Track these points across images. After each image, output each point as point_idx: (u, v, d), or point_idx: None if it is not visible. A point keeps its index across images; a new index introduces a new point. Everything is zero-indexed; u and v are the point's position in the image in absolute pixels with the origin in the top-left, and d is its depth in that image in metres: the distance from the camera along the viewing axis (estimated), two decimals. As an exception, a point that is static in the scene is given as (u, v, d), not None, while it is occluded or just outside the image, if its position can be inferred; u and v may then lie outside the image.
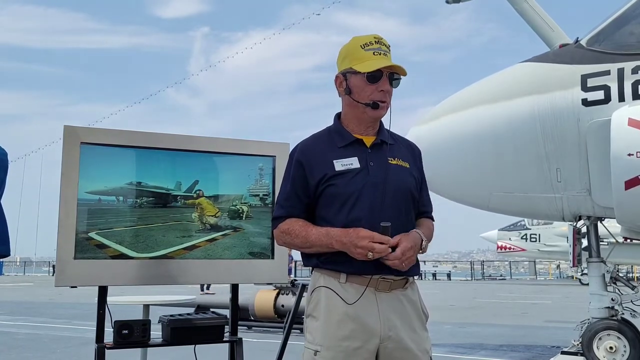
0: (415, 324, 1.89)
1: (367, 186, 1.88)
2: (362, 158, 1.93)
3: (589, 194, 5.23)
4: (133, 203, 3.01)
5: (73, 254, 2.83)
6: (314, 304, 1.91)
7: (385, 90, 1.93)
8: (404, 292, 1.90)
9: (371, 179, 1.89)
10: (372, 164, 1.92)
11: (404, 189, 1.93)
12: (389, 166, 1.94)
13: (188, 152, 3.16)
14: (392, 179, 1.91)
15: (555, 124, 5.23)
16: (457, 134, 5.77)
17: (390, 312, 1.84)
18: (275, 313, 8.83)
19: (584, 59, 5.30)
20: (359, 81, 1.93)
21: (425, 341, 1.91)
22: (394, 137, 2.05)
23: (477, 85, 6.08)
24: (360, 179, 1.89)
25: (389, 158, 1.95)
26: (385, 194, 1.88)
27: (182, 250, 3.06)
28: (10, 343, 7.79)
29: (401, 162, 1.97)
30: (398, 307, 1.86)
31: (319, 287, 1.90)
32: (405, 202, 1.93)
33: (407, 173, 1.97)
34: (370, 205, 1.86)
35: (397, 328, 1.83)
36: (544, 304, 14.90)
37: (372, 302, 1.83)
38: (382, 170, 1.92)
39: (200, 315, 3.22)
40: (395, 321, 1.84)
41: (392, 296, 1.86)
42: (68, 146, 2.89)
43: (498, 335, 8.68)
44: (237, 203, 3.22)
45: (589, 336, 5.34)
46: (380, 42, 1.95)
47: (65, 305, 13.42)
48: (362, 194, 1.87)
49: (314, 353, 1.83)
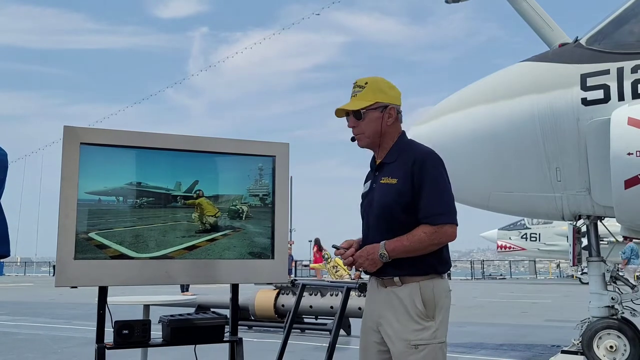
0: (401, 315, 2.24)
1: (366, 208, 2.38)
2: (372, 181, 2.39)
3: (588, 193, 5.23)
4: (133, 203, 3.00)
5: (73, 255, 2.83)
6: None
7: (350, 126, 2.39)
8: (395, 289, 2.28)
9: (369, 201, 2.37)
10: (374, 186, 2.35)
11: (384, 206, 2.27)
12: (379, 186, 2.31)
13: (188, 152, 3.16)
14: (377, 199, 2.31)
15: (555, 123, 5.23)
16: (456, 133, 5.77)
17: (381, 302, 2.32)
18: (275, 313, 8.83)
19: (583, 58, 5.30)
20: None
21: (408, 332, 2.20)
22: (402, 153, 2.34)
23: (476, 84, 6.08)
24: (366, 202, 2.39)
25: (382, 178, 2.32)
26: (370, 215, 2.33)
27: (182, 250, 3.06)
28: (11, 343, 7.79)
29: (389, 180, 2.28)
30: (387, 299, 2.29)
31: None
32: (384, 219, 2.27)
33: (390, 190, 2.27)
34: (367, 222, 2.37)
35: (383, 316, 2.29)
36: (544, 303, 14.90)
37: (375, 293, 2.38)
38: (376, 192, 2.33)
39: (200, 315, 3.22)
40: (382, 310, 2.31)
41: (387, 291, 2.30)
42: (68, 146, 2.89)
43: (498, 334, 8.68)
44: (237, 203, 3.22)
45: (589, 335, 5.35)
46: (355, 86, 2.40)
47: (66, 305, 13.42)
48: (365, 215, 2.39)
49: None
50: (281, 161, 3.30)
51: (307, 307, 8.48)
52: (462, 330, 9.13)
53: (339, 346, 4.34)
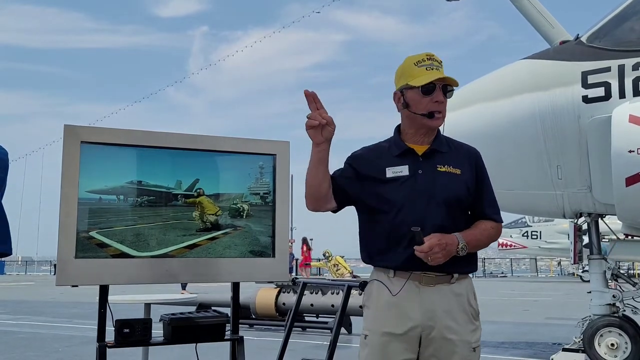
0: (458, 315, 2.05)
1: (413, 193, 2.07)
2: (413, 166, 2.11)
3: (589, 191, 5.22)
4: (133, 202, 3.00)
5: (74, 253, 2.82)
6: (367, 295, 2.17)
7: (440, 100, 2.10)
8: (450, 287, 2.06)
9: (417, 187, 2.08)
10: (420, 172, 2.10)
11: (451, 195, 2.08)
12: (437, 173, 2.10)
13: (188, 150, 3.16)
14: (438, 186, 2.08)
15: (556, 121, 5.22)
16: (457, 131, 5.72)
17: (431, 303, 2.02)
18: (276, 311, 8.84)
19: (584, 56, 5.29)
20: (415, 95, 2.11)
21: (467, 333, 2.04)
22: (450, 144, 2.21)
23: (477, 82, 6.08)
24: (407, 186, 2.08)
25: (438, 166, 2.12)
26: (431, 201, 2.06)
27: (182, 249, 3.06)
28: (13, 342, 7.80)
29: (451, 169, 2.12)
30: (441, 299, 2.04)
31: (372, 280, 2.16)
32: (451, 209, 2.08)
33: (456, 179, 2.11)
34: (415, 211, 2.05)
35: (438, 318, 2.01)
36: (545, 301, 14.90)
37: (415, 294, 2.03)
38: (429, 178, 2.09)
39: (201, 314, 3.22)
40: (437, 312, 2.02)
41: (436, 289, 2.04)
42: (68, 145, 2.89)
43: (499, 332, 8.68)
44: (237, 201, 3.22)
45: (590, 333, 5.35)
46: (432, 59, 2.13)
47: (67, 304, 13.44)
48: (407, 201, 2.07)
49: (364, 337, 2.11)
50: (282, 160, 3.29)
51: (308, 306, 8.49)
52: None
53: (340, 344, 4.34)
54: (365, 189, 2.13)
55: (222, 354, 3.31)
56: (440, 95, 2.10)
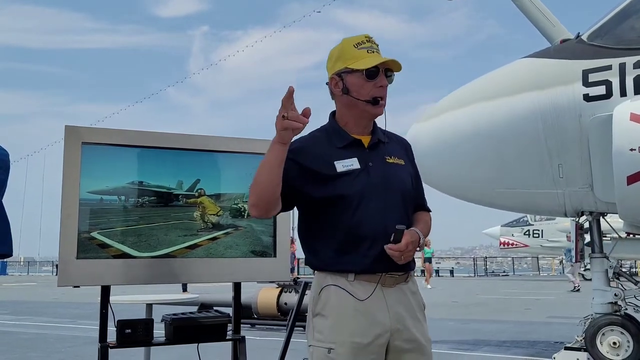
0: (419, 314, 1.95)
1: (367, 187, 1.89)
2: (362, 159, 1.93)
3: (591, 190, 5.22)
4: (135, 202, 3.01)
5: (75, 254, 2.83)
6: (323, 303, 1.90)
7: (384, 85, 1.94)
8: (407, 285, 1.95)
9: (372, 180, 1.91)
10: (371, 164, 1.93)
11: (403, 188, 1.97)
12: (387, 165, 1.97)
13: (189, 151, 3.17)
14: (392, 179, 1.95)
15: (557, 119, 5.22)
16: (458, 130, 5.76)
17: (397, 305, 1.88)
18: (278, 311, 8.84)
19: (585, 54, 5.28)
20: (356, 79, 1.94)
21: (427, 331, 1.96)
22: (387, 135, 2.08)
23: (477, 81, 6.07)
24: (361, 180, 1.90)
25: (385, 157, 1.98)
26: (387, 195, 1.91)
27: (184, 249, 3.07)
28: (15, 342, 7.81)
29: (397, 160, 2.01)
30: (403, 299, 1.91)
31: (327, 285, 1.90)
32: (405, 201, 1.97)
33: (404, 171, 2.01)
34: (372, 206, 1.88)
35: (404, 320, 1.88)
36: (547, 299, 14.89)
37: (380, 297, 1.87)
38: (381, 171, 1.94)
39: (203, 314, 3.22)
40: (402, 313, 1.89)
41: (397, 290, 1.90)
42: (69, 146, 2.89)
43: (501, 331, 8.68)
44: (238, 201, 3.22)
45: (593, 332, 5.34)
46: (371, 41, 1.98)
47: (69, 305, 13.45)
48: (364, 196, 1.88)
49: (327, 351, 1.83)
50: (283, 159, 3.29)
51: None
52: (465, 327, 9.13)
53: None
54: (314, 186, 1.89)
55: (224, 354, 3.31)
56: (384, 80, 1.94)
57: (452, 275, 34.04)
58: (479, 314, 11.37)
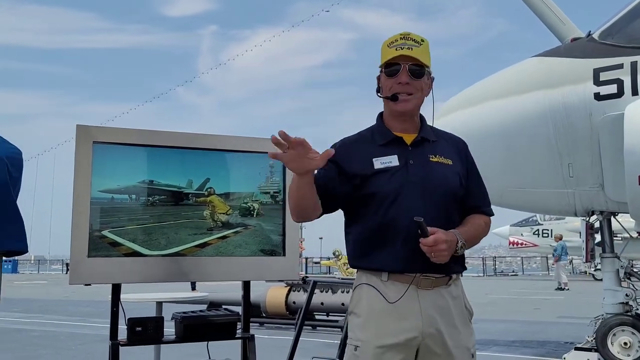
0: (457, 320, 1.88)
1: (405, 185, 1.87)
2: (402, 156, 1.92)
3: (601, 189, 5.19)
4: (145, 201, 3.03)
5: (87, 252, 2.85)
6: (355, 301, 1.93)
7: (403, 82, 1.91)
8: (447, 289, 1.89)
9: (410, 178, 1.88)
10: (412, 162, 1.91)
11: (445, 187, 1.91)
12: (430, 164, 1.92)
13: (199, 150, 3.18)
14: (433, 178, 1.90)
15: (567, 118, 5.19)
16: (468, 129, 5.73)
17: (431, 308, 1.83)
18: (286, 310, 8.86)
19: (596, 53, 5.25)
20: (383, 78, 1.97)
21: (467, 338, 1.90)
22: (437, 134, 2.05)
23: (487, 80, 6.05)
24: (399, 178, 1.88)
25: (429, 155, 1.94)
26: (425, 193, 1.87)
27: (194, 247, 3.08)
28: (26, 340, 7.88)
29: (443, 160, 1.95)
30: (441, 303, 1.86)
31: (360, 284, 1.92)
32: (446, 201, 1.91)
33: (449, 170, 1.94)
34: (408, 204, 1.85)
35: (439, 324, 1.83)
36: (557, 299, 14.81)
37: (414, 299, 1.83)
38: (422, 169, 1.90)
39: (212, 312, 3.23)
40: (436, 318, 1.83)
41: (434, 293, 1.85)
42: (81, 145, 2.91)
43: (510, 331, 8.64)
44: (248, 200, 3.23)
45: (603, 332, 5.31)
46: (407, 38, 1.94)
47: (80, 302, 13.53)
48: (400, 193, 1.86)
49: (354, 348, 1.85)
50: (292, 158, 3.29)
51: (319, 304, 8.50)
52: (474, 327, 9.07)
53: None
54: (352, 184, 1.90)
55: (234, 352, 3.32)
56: (404, 76, 1.91)
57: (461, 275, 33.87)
58: (488, 313, 11.31)
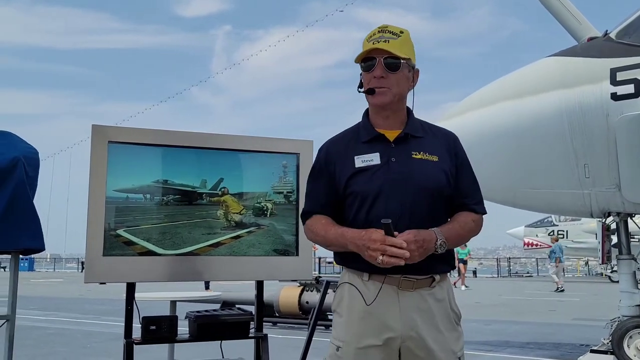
0: (441, 323, 1.83)
1: (387, 183, 1.82)
2: (384, 154, 1.86)
3: (618, 190, 5.13)
4: (159, 201, 3.04)
5: (102, 251, 2.88)
6: (338, 300, 1.93)
7: (378, 75, 1.85)
8: (430, 291, 1.83)
9: (392, 176, 1.82)
10: (393, 160, 1.85)
11: (429, 185, 1.83)
12: (413, 161, 1.86)
13: (213, 150, 3.19)
14: (415, 175, 1.83)
15: (583, 119, 5.14)
16: (482, 129, 5.71)
17: (412, 311, 1.79)
18: (299, 310, 8.86)
19: (613, 52, 5.19)
20: (362, 72, 1.92)
21: (452, 341, 1.84)
22: (426, 128, 1.98)
23: (502, 80, 6.01)
24: (380, 176, 1.83)
25: (413, 152, 1.87)
26: (407, 192, 1.81)
27: (207, 247, 3.09)
28: (42, 337, 7.97)
29: (427, 156, 1.88)
30: (422, 305, 1.80)
31: (343, 283, 1.91)
32: (429, 201, 1.83)
33: (433, 167, 1.87)
34: (389, 204, 1.80)
35: (419, 327, 1.78)
36: (572, 301, 14.67)
37: (394, 300, 1.79)
38: (404, 166, 1.84)
39: (226, 312, 3.25)
40: (417, 320, 1.78)
41: (416, 295, 1.80)
42: (96, 145, 2.94)
43: (525, 332, 8.58)
44: (261, 200, 3.24)
45: (619, 334, 5.25)
46: (384, 31, 1.88)
47: (94, 301, 13.66)
48: (381, 192, 1.81)
49: (336, 348, 1.85)
50: (305, 158, 3.30)
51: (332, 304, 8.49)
52: (488, 328, 9.04)
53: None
54: (339, 184, 1.88)
55: (247, 351, 3.33)
56: (379, 70, 1.85)
57: (475, 276, 33.73)
58: (502, 314, 11.25)
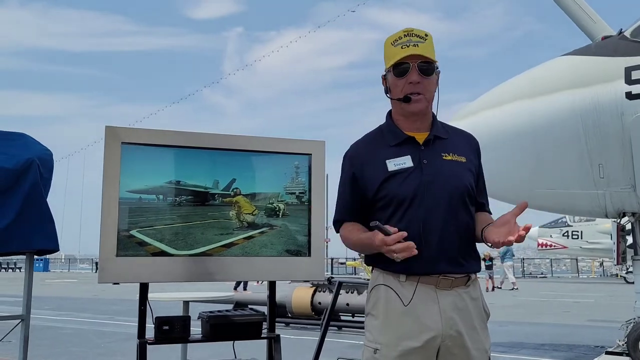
0: (476, 322, 1.85)
1: (421, 186, 1.83)
2: (415, 156, 1.88)
3: (633, 190, 5.08)
4: (172, 201, 3.06)
5: (115, 252, 2.89)
6: (373, 302, 1.90)
7: (414, 81, 1.86)
8: (467, 290, 1.85)
9: (425, 178, 1.84)
10: (425, 162, 1.87)
11: (461, 185, 1.87)
12: (444, 163, 1.88)
13: (225, 150, 3.20)
14: (448, 176, 1.86)
15: (598, 118, 5.09)
16: (495, 129, 5.67)
17: (451, 310, 1.80)
18: (312, 310, 8.87)
19: (628, 51, 5.14)
20: (391, 78, 1.91)
21: (485, 340, 1.87)
22: (449, 130, 2.00)
23: (516, 79, 5.97)
24: (414, 179, 1.84)
25: (442, 154, 1.89)
26: (442, 193, 1.84)
27: (220, 247, 3.10)
28: (57, 337, 8.05)
29: (457, 157, 1.90)
30: (460, 304, 1.82)
31: (378, 285, 1.89)
32: (462, 200, 1.87)
33: (463, 168, 1.90)
34: (426, 206, 1.82)
35: (458, 326, 1.80)
36: (587, 302, 14.53)
37: (433, 300, 1.80)
38: (436, 168, 1.86)
39: (238, 312, 3.25)
40: (456, 319, 1.80)
41: (454, 294, 1.82)
42: (109, 146, 2.96)
43: (539, 334, 8.51)
44: (273, 201, 3.25)
45: (635, 336, 5.20)
46: (411, 35, 1.88)
47: (108, 301, 13.78)
48: (417, 195, 1.83)
49: (373, 351, 1.82)
50: (317, 159, 3.30)
51: (344, 305, 8.49)
52: (502, 329, 8.98)
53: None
54: (369, 189, 1.89)
55: (259, 352, 3.34)
56: (415, 75, 1.85)
57: (488, 277, 33.53)
58: (517, 316, 11.17)
